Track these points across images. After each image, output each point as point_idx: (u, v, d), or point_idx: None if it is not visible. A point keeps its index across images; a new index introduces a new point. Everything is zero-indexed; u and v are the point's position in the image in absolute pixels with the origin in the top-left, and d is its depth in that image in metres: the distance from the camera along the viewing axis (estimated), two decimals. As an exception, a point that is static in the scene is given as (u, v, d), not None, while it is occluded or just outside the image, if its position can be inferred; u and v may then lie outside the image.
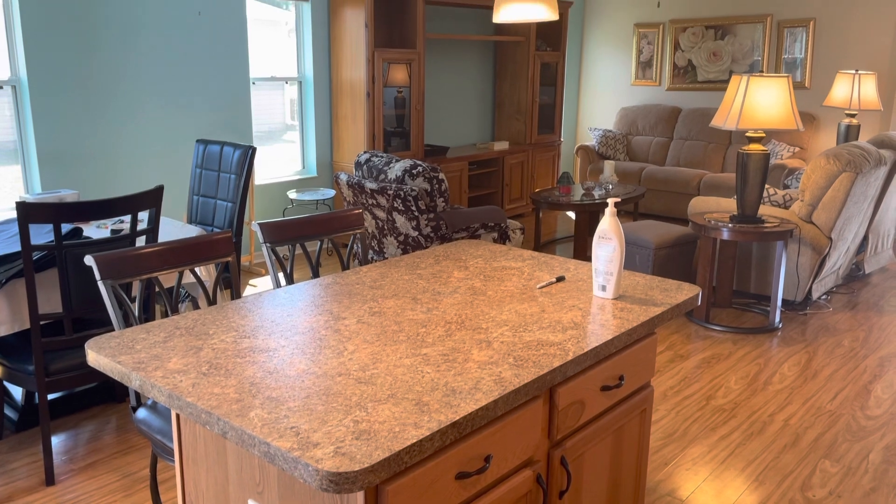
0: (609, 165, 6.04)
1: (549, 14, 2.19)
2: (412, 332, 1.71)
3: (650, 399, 2.00)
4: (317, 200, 5.61)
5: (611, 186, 5.82)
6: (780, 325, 4.29)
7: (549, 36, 7.41)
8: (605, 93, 8.42)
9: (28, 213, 2.34)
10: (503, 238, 4.59)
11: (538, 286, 2.06)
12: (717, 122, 4.06)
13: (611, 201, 1.92)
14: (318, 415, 1.31)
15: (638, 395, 1.94)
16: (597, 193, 5.61)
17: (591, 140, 8.60)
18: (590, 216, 5.67)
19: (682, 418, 3.16)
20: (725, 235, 4.06)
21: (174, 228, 3.27)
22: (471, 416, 1.33)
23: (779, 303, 4.21)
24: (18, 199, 3.39)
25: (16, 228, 2.88)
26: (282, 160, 5.88)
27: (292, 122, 5.97)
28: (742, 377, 3.58)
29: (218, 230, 3.69)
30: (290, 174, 5.85)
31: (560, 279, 2.11)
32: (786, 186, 5.86)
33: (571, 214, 7.43)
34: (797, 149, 6.80)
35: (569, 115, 8.56)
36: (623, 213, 7.24)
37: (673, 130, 7.66)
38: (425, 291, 2.02)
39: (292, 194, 5.47)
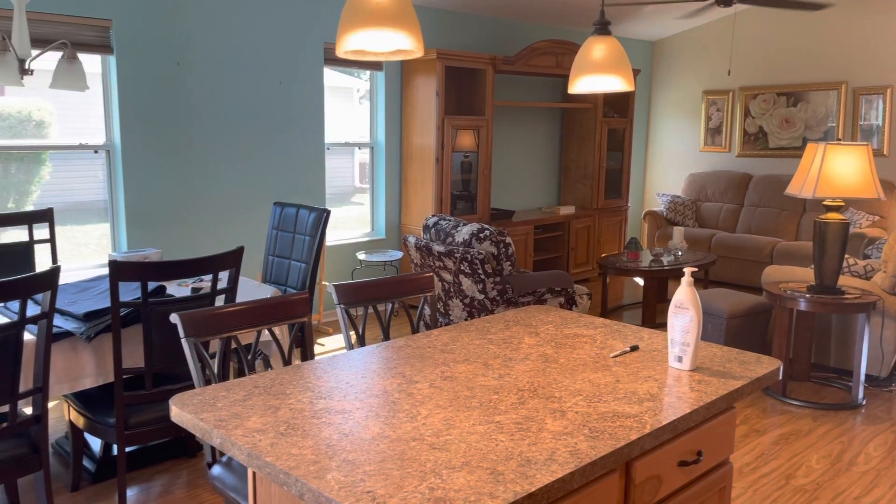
0: (678, 231, 5.97)
1: (624, 86, 2.23)
2: (485, 399, 1.71)
3: (729, 476, 1.93)
4: (385, 262, 5.71)
5: (680, 253, 5.74)
6: (864, 402, 4.08)
7: (617, 103, 7.48)
8: (672, 159, 8.38)
9: (119, 271, 2.46)
10: (570, 303, 4.56)
11: (611, 355, 2.03)
12: (792, 189, 3.99)
13: (687, 270, 1.90)
14: (394, 480, 1.31)
15: (717, 472, 1.87)
16: (666, 260, 5.53)
17: (658, 206, 8.53)
18: (658, 283, 5.58)
19: (760, 497, 3.02)
20: (803, 306, 3.93)
21: (250, 287, 3.37)
22: (547, 488, 1.31)
23: (862, 378, 4.02)
24: (110, 257, 3.57)
25: (104, 284, 3.02)
26: (349, 222, 6.03)
27: (360, 184, 6.14)
28: (824, 456, 3.41)
29: (292, 290, 3.79)
30: (359, 236, 5.99)
31: (634, 348, 2.08)
32: (866, 256, 5.66)
33: (639, 281, 7.32)
34: (877, 217, 6.59)
35: (636, 180, 8.54)
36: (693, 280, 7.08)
37: (744, 197, 7.53)
38: (496, 357, 2.03)
39: (361, 255, 5.58)
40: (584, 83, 2.22)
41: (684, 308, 1.89)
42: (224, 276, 3.60)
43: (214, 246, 4.97)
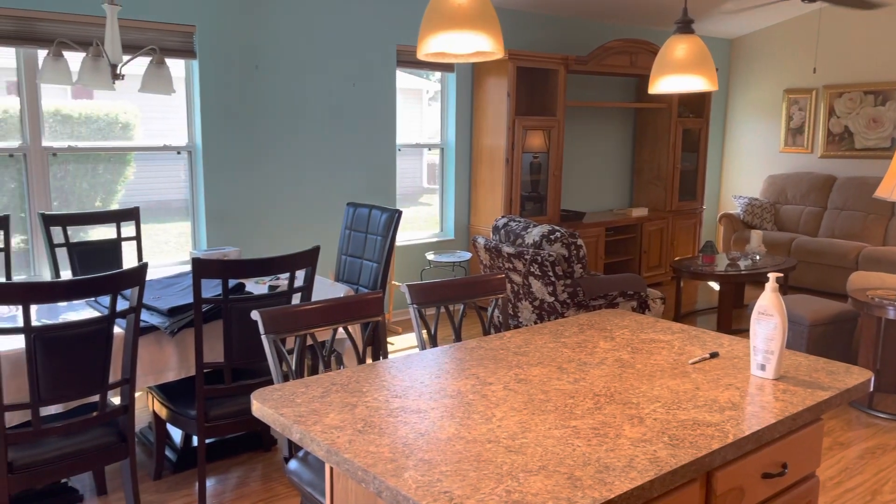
0: (756, 235, 5.78)
1: (708, 86, 2.17)
2: (560, 403, 1.69)
3: (815, 490, 1.85)
4: (453, 262, 5.72)
5: (758, 257, 5.55)
6: (959, 417, 3.86)
7: (693, 102, 7.29)
8: (750, 160, 8.12)
9: (201, 268, 2.55)
10: (642, 307, 4.47)
11: (690, 361, 1.98)
12: (882, 192, 3.81)
13: (772, 276, 1.83)
14: (471, 481, 1.32)
15: (802, 486, 1.80)
16: (743, 264, 5.36)
17: (735, 208, 8.28)
18: (735, 288, 5.41)
19: (844, 514, 2.89)
20: (892, 315, 3.74)
21: (324, 286, 3.44)
22: (625, 495, 1.29)
23: (956, 392, 3.80)
24: (191, 255, 3.69)
25: (187, 281, 3.13)
26: (417, 222, 6.07)
27: (428, 185, 6.17)
28: (914, 473, 3.24)
29: (364, 289, 3.85)
30: (428, 236, 6.03)
31: (714, 355, 2.03)
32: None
33: (714, 285, 7.12)
34: (973, 222, 6.22)
35: (711, 182, 8.31)
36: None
37: (827, 199, 7.23)
38: (571, 361, 2.00)
39: (430, 256, 5.61)
40: (666, 83, 2.17)
41: (768, 315, 1.82)
42: (300, 274, 3.68)
43: (289, 245, 5.08)
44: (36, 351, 2.22)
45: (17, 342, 2.42)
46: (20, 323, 2.67)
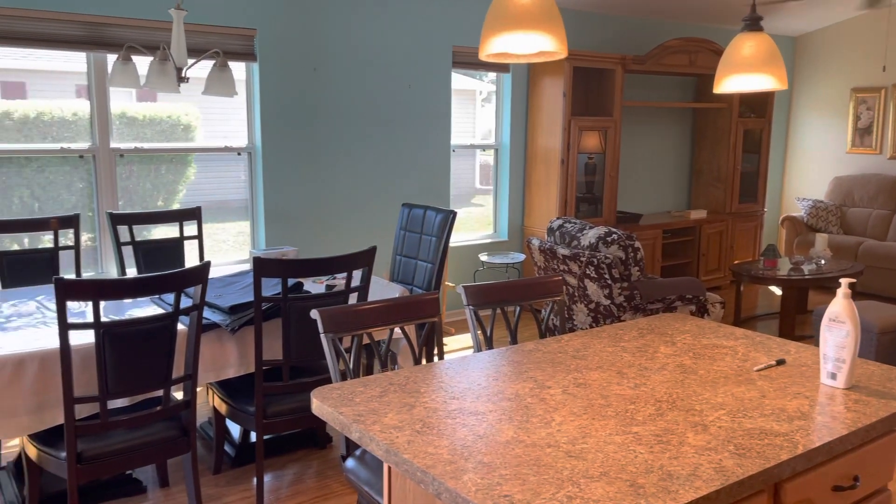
0: (821, 238, 5.59)
1: (777, 85, 2.10)
2: (620, 408, 1.66)
3: (888, 506, 1.78)
4: (507, 264, 5.70)
5: (823, 262, 5.37)
6: None
7: (755, 102, 7.10)
8: (814, 161, 7.86)
9: (262, 267, 2.59)
10: (701, 312, 4.37)
11: (755, 368, 1.93)
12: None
13: (844, 281, 1.77)
14: (531, 486, 1.30)
15: (874, 499, 1.73)
16: (807, 268, 5.20)
17: (798, 211, 8.03)
18: (798, 293, 5.25)
19: (916, 530, 2.77)
20: (969, 323, 3.57)
21: (379, 286, 3.46)
22: (691, 504, 1.26)
23: None
24: (251, 254, 3.76)
25: (247, 279, 3.20)
26: (469, 223, 6.06)
27: (481, 186, 6.16)
28: None
29: (418, 289, 3.86)
30: (481, 237, 6.01)
31: (780, 362, 1.96)
32: None
33: (776, 290, 6.92)
34: None
35: (773, 183, 8.08)
36: (836, 291, 6.62)
37: (896, 202, 6.95)
38: (631, 366, 1.97)
39: (483, 257, 5.60)
40: (733, 83, 2.11)
41: (840, 322, 1.76)
42: (357, 274, 3.71)
43: (344, 245, 5.14)
44: (105, 346, 2.29)
45: (87, 337, 2.50)
46: (89, 318, 2.76)
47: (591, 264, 4.17)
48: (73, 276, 2.60)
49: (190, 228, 4.24)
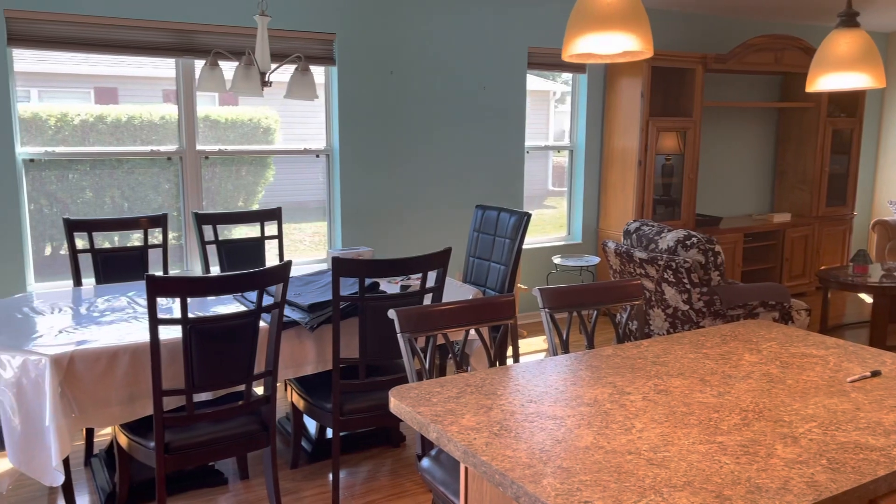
0: (917, 244, 5.29)
1: (874, 82, 2.01)
2: (703, 417, 1.62)
3: None
4: (581, 267, 5.63)
5: (919, 268, 5.09)
6: None
7: (844, 101, 6.79)
8: (909, 162, 7.46)
9: (340, 267, 2.64)
10: (785, 319, 4.21)
11: (849, 380, 1.84)
12: None
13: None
14: (612, 493, 1.28)
15: (980, 523, 1.63)
16: (901, 275, 4.93)
17: (890, 214, 7.63)
18: (891, 301, 4.99)
19: None
20: None
21: (453, 287, 3.47)
22: (781, 519, 1.21)
23: None
24: (328, 254, 3.84)
25: (325, 279, 3.26)
26: (541, 225, 6.01)
27: (553, 188, 6.10)
28: None
29: (491, 291, 3.86)
30: (554, 239, 5.96)
31: (875, 374, 1.87)
32: None
33: (866, 297, 6.60)
34: None
35: (864, 186, 7.71)
36: (932, 299, 6.26)
37: None
38: (714, 373, 1.91)
39: (557, 259, 5.55)
40: (827, 81, 2.02)
41: (943, 332, 1.66)
42: (431, 275, 3.74)
43: (418, 245, 5.18)
44: (191, 341, 2.38)
45: (174, 332, 2.60)
46: (176, 314, 2.88)
47: (670, 268, 4.07)
48: (160, 274, 2.72)
49: (270, 228, 4.36)
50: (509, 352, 4.97)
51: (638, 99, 5.51)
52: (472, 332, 3.08)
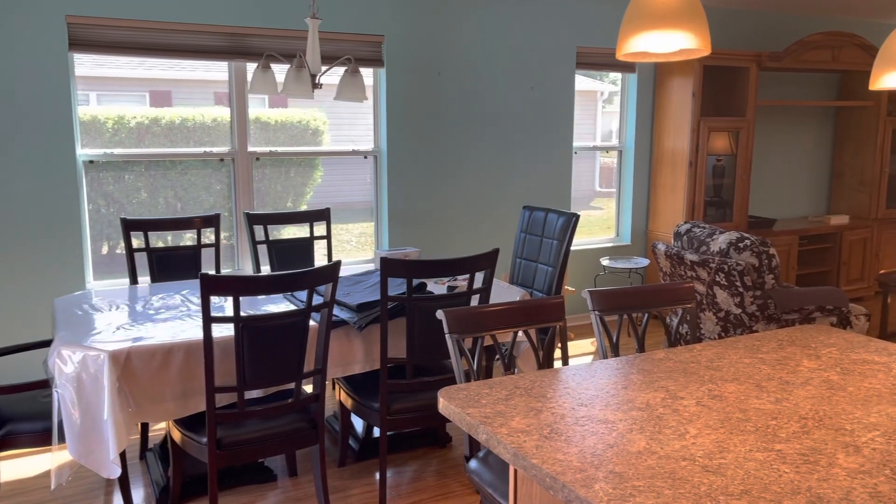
0: (984, 248, 5.08)
1: (944, 79, 1.93)
2: (761, 424, 1.58)
3: None
4: (629, 269, 5.55)
5: None
6: None
7: (905, 99, 6.56)
8: (976, 162, 7.16)
9: (389, 267, 2.65)
10: (843, 324, 4.08)
11: (914, 388, 1.77)
12: None
13: None
14: (666, 499, 1.26)
15: None
16: (967, 280, 4.74)
17: (954, 217, 7.34)
18: (956, 306, 4.80)
19: None
20: None
21: (500, 289, 3.46)
22: (844, 531, 1.17)
23: None
24: (376, 254, 3.86)
25: (374, 279, 3.28)
26: (588, 226, 5.95)
27: (601, 188, 6.03)
28: None
29: (538, 293, 3.83)
30: (602, 241, 5.89)
31: (943, 382, 1.80)
32: None
33: (926, 302, 6.35)
34: None
35: (925, 187, 7.43)
36: None
37: None
38: (771, 379, 1.86)
39: (605, 261, 5.48)
40: (893, 79, 1.96)
41: None
42: (479, 276, 3.73)
43: (465, 246, 5.18)
44: (243, 339, 2.42)
45: (225, 330, 2.65)
46: (228, 312, 2.93)
47: (722, 271, 3.99)
48: (213, 273, 2.77)
49: (318, 229, 4.41)
50: (556, 354, 4.93)
51: (689, 98, 5.41)
52: (520, 333, 3.06)
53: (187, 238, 4.33)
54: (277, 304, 3.02)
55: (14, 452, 3.37)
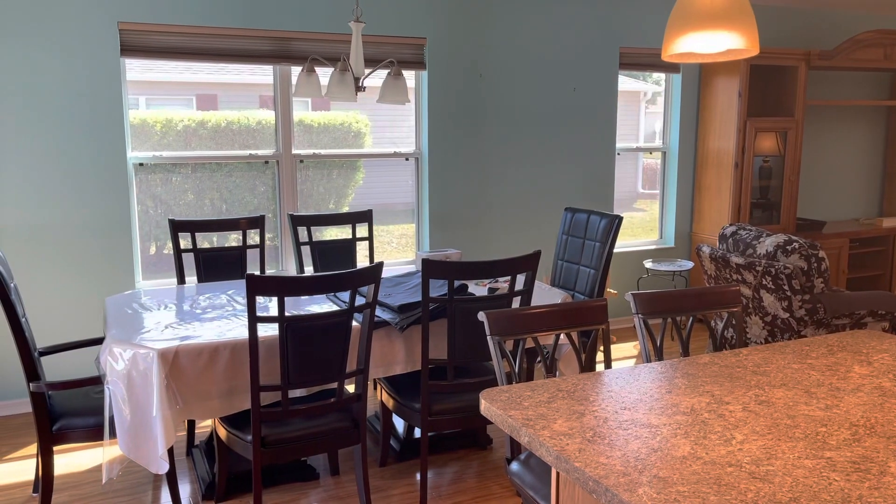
0: None
1: None
2: (810, 431, 1.54)
3: None
4: (673, 272, 5.48)
5: None
6: None
7: (963, 97, 6.34)
8: None
9: (430, 269, 2.67)
10: (895, 330, 3.97)
11: (972, 396, 1.72)
12: None
13: None
14: (712, 505, 1.24)
15: None
16: None
17: None
18: None
19: None
20: None
21: (541, 291, 3.45)
22: (898, 542, 1.14)
23: None
24: (417, 256, 3.88)
25: (415, 280, 3.30)
26: (631, 228, 5.88)
27: (643, 190, 5.95)
28: None
29: (580, 295, 3.80)
30: (645, 243, 5.82)
31: None
32: None
33: (985, 308, 6.13)
34: None
35: (984, 188, 7.17)
36: None
37: None
38: (820, 385, 1.82)
39: (648, 264, 5.42)
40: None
41: None
42: (520, 278, 3.72)
43: (506, 248, 5.17)
44: (287, 339, 2.46)
45: (270, 329, 2.69)
46: (272, 312, 2.97)
47: (769, 274, 3.91)
48: (257, 273, 2.82)
49: (360, 230, 4.45)
50: (598, 357, 4.88)
51: (735, 98, 5.32)
52: (563, 336, 3.05)
53: (232, 239, 4.41)
54: (321, 305, 3.06)
55: (67, 447, 3.47)
